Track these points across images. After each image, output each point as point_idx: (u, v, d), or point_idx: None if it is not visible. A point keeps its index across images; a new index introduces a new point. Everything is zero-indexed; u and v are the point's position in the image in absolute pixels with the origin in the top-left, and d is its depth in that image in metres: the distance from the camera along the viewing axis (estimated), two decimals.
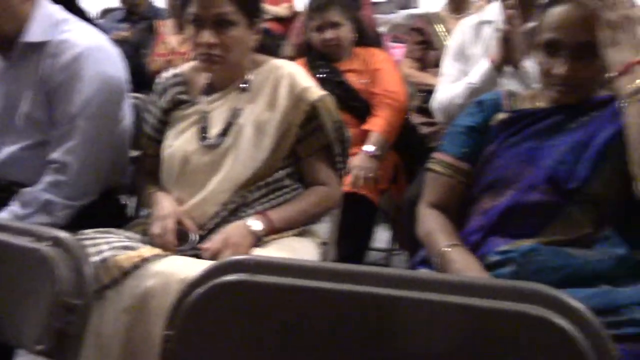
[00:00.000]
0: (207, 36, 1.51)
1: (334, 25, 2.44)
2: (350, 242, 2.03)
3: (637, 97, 1.15)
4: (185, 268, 1.29)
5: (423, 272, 1.12)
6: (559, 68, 1.28)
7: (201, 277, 0.79)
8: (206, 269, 0.80)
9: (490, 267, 1.22)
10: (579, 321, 0.66)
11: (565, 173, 1.24)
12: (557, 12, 1.29)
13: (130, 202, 1.90)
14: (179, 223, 1.51)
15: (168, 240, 1.46)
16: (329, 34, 2.43)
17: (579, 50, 1.26)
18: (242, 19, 1.54)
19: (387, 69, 2.47)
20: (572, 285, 1.12)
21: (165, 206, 1.54)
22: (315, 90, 1.59)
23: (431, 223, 1.39)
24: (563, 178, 1.24)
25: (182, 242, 1.48)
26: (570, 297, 0.67)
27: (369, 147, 2.28)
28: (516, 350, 0.68)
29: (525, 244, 1.23)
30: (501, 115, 1.39)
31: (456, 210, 1.40)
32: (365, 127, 2.35)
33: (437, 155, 1.45)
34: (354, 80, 2.42)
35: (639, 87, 1.15)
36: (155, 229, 1.50)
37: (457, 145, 1.42)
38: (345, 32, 2.46)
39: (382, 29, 4.20)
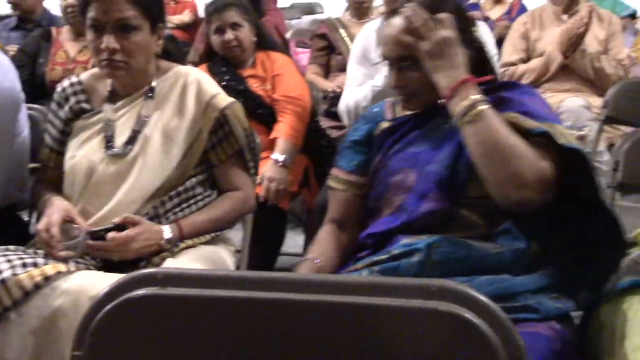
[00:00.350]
0: (109, 41, 1.46)
1: (234, 26, 2.41)
2: (263, 249, 2.03)
3: (467, 119, 1.19)
4: (96, 284, 1.24)
5: (331, 276, 1.13)
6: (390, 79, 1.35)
7: (109, 293, 0.76)
8: (114, 283, 0.77)
9: (396, 258, 1.24)
10: (486, 314, 0.69)
11: (450, 177, 1.26)
12: (384, 27, 1.35)
13: (32, 219, 1.82)
14: (69, 220, 1.44)
15: (52, 234, 1.39)
16: (228, 35, 2.40)
17: (401, 63, 1.31)
18: (144, 24, 1.51)
19: (287, 74, 2.46)
20: (474, 275, 1.18)
21: (55, 204, 1.47)
22: (223, 97, 1.58)
23: (317, 239, 1.43)
24: (449, 182, 1.26)
25: (69, 238, 1.41)
26: (476, 292, 0.70)
27: (277, 156, 2.26)
28: (427, 346, 0.70)
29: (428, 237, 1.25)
30: (384, 125, 1.43)
31: (358, 222, 1.42)
32: (272, 135, 2.34)
33: (332, 170, 1.48)
34: (256, 87, 2.41)
35: (467, 109, 1.19)
36: (40, 224, 1.43)
37: (347, 160, 1.45)
38: (245, 32, 2.43)
39: (286, 35, 4.23)
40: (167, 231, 1.46)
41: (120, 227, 1.42)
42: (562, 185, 1.20)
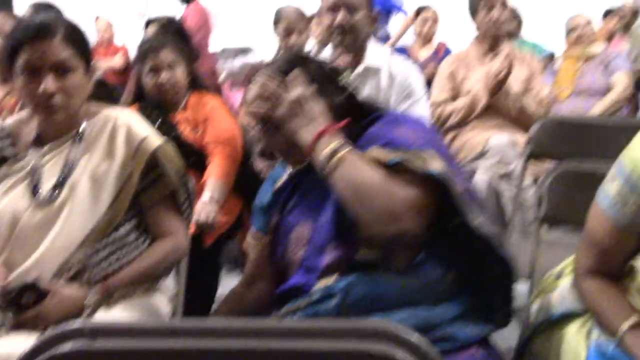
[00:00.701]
0: (48, 85, 1.42)
1: (169, 66, 2.35)
2: (198, 293, 1.99)
3: (330, 168, 1.22)
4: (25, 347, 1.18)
5: (266, 321, 1.12)
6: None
7: (32, 351, 0.72)
8: (37, 340, 0.74)
9: (314, 303, 1.24)
10: (419, 353, 0.70)
11: (342, 223, 1.27)
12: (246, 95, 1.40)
13: None
14: None
15: None
16: (164, 76, 2.34)
17: (265, 126, 1.36)
18: (80, 64, 1.49)
19: (218, 117, 2.43)
20: (392, 310, 1.20)
21: None
22: (154, 139, 1.56)
23: (224, 298, 1.50)
24: (342, 229, 1.27)
25: None
26: (408, 331, 0.71)
27: (206, 195, 2.24)
28: None
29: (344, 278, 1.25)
30: (280, 183, 1.47)
31: (270, 278, 1.44)
32: (203, 179, 2.31)
33: (251, 227, 1.53)
34: (188, 132, 2.38)
35: (327, 158, 1.23)
36: None
37: (257, 220, 1.50)
38: (180, 73, 2.38)
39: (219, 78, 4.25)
40: (89, 297, 1.40)
41: (35, 287, 1.35)
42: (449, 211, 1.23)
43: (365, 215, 1.20)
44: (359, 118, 1.35)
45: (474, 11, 3.18)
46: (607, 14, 5.62)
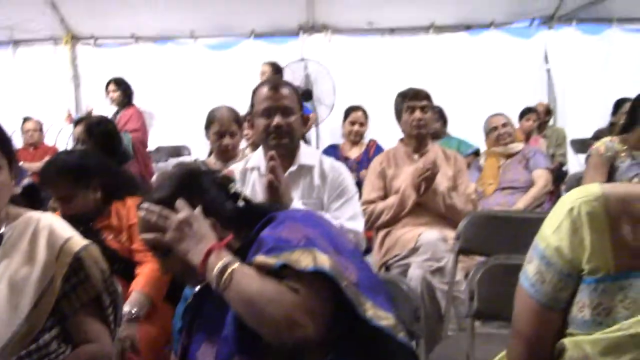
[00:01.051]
0: None
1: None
2: None
3: (222, 286, 1.24)
4: None
5: None
6: None
7: None
8: None
9: None
10: None
11: (243, 336, 1.26)
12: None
13: None
14: None
15: None
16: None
17: (158, 253, 1.40)
18: (4, 163, 1.45)
19: None
20: None
21: None
22: (77, 241, 1.51)
23: None
24: (244, 342, 1.26)
25: None
26: None
27: (125, 308, 2.11)
28: None
29: None
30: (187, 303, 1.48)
31: None
32: (130, 289, 2.21)
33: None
34: (111, 240, 2.31)
35: (218, 277, 1.25)
36: None
37: (175, 344, 1.51)
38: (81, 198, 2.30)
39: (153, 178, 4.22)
40: None
41: None
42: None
43: (262, 327, 1.21)
44: (255, 222, 1.37)
45: (398, 114, 3.32)
46: (524, 113, 5.96)
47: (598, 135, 5.07)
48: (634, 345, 1.01)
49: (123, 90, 5.76)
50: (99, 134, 3.04)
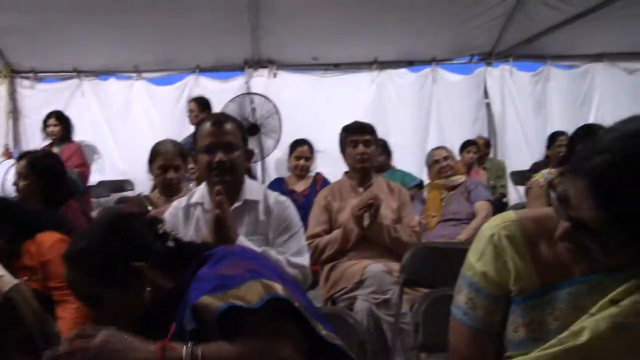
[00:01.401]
0: None
1: None
2: None
3: None
4: None
5: None
6: None
7: None
8: None
9: None
10: None
11: None
12: None
13: None
14: None
15: None
16: None
17: (87, 302, 1.38)
18: None
19: (58, 256, 2.17)
20: None
21: None
22: (8, 279, 1.46)
23: None
24: None
25: None
26: None
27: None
28: None
29: None
30: None
31: None
32: None
33: None
34: (29, 281, 2.02)
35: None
36: None
37: None
38: None
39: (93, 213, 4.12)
40: None
41: None
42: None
43: None
44: (188, 262, 1.36)
45: (343, 147, 3.37)
46: (465, 145, 6.12)
47: (535, 168, 5.25)
48: (574, 358, 1.05)
49: (64, 125, 5.64)
50: (43, 168, 2.94)
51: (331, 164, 4.79)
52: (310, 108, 6.56)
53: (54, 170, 3.00)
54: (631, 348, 1.03)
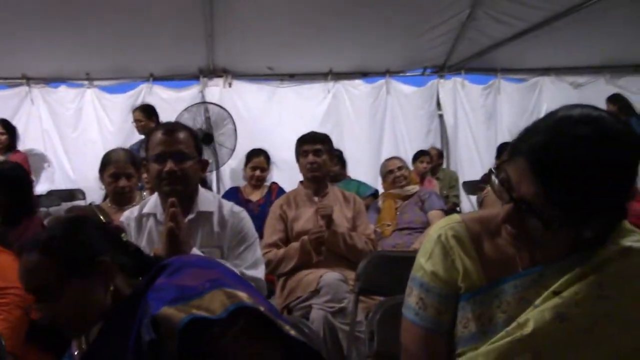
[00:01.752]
0: None
1: None
2: None
3: None
4: None
5: None
6: None
7: None
8: None
9: None
10: None
11: None
12: None
13: None
14: None
15: None
16: None
17: (39, 294, 1.34)
18: None
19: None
20: None
21: None
22: None
23: None
24: None
25: None
26: None
27: None
28: None
29: None
30: None
31: None
32: None
33: None
34: None
35: None
36: None
37: None
38: None
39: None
40: None
41: None
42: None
43: None
44: (144, 271, 1.35)
45: (297, 157, 3.42)
46: (418, 155, 6.21)
47: (486, 178, 5.34)
48: (521, 349, 1.10)
49: (10, 134, 5.48)
50: (11, 179, 2.71)
51: (287, 174, 4.79)
52: (265, 118, 6.56)
53: (22, 184, 2.78)
54: (573, 337, 1.09)
